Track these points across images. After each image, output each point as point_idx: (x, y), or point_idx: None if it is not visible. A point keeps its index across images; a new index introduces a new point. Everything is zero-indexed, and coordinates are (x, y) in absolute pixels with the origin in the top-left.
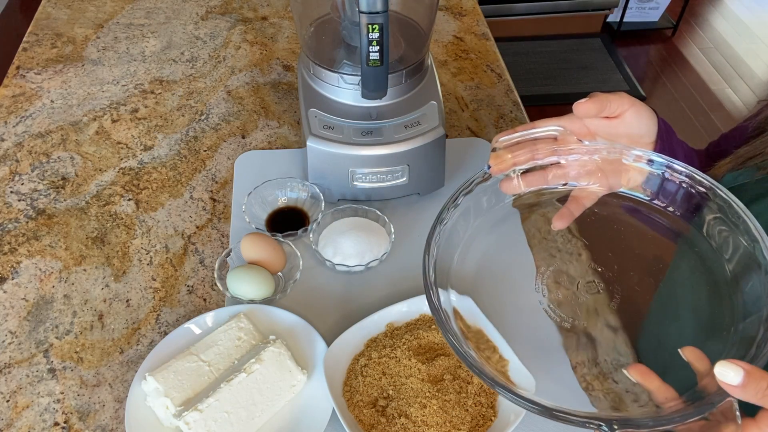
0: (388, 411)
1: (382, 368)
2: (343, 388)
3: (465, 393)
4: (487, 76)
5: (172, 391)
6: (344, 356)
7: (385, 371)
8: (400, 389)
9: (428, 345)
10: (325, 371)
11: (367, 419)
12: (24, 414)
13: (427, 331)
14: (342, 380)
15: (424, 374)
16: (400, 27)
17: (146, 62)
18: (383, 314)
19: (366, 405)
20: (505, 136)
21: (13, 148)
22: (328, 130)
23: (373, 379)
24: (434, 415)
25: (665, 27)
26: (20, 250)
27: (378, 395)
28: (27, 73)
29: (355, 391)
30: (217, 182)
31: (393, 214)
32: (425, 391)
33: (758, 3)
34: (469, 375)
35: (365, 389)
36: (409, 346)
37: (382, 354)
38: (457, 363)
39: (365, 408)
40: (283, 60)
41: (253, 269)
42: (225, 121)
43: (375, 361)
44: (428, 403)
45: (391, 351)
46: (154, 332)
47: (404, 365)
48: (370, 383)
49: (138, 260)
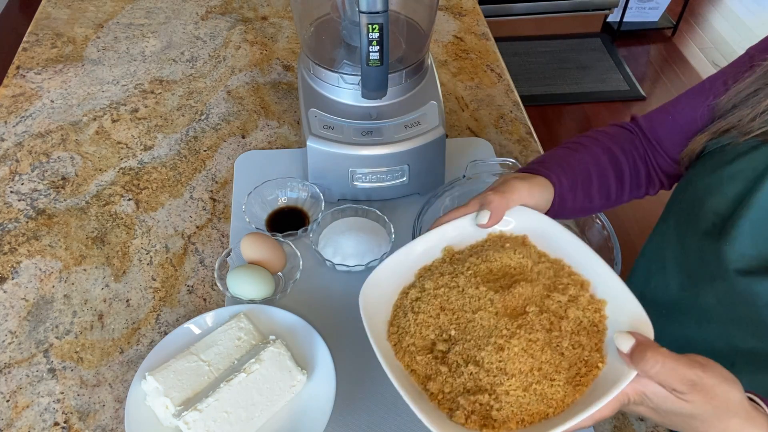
0: (449, 357)
1: (439, 302)
2: (389, 330)
3: (558, 331)
4: (487, 76)
5: (172, 390)
6: (388, 289)
7: (443, 305)
8: (466, 328)
9: (502, 269)
10: (363, 308)
11: (421, 369)
12: (24, 414)
13: (500, 252)
14: (386, 320)
15: (499, 306)
16: (400, 27)
17: (146, 62)
18: (438, 234)
19: (420, 350)
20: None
21: (13, 148)
22: (328, 130)
23: (428, 317)
24: (516, 360)
25: (665, 27)
26: (20, 250)
27: (436, 337)
28: (27, 73)
29: (405, 333)
30: (217, 182)
31: (393, 214)
32: (501, 328)
33: (758, 3)
34: (561, 307)
35: (418, 330)
36: (475, 271)
37: (439, 284)
38: (545, 291)
39: (419, 354)
40: (283, 60)
41: (253, 269)
42: (225, 121)
43: (430, 293)
44: (506, 344)
45: (451, 279)
46: (154, 332)
47: (470, 296)
48: (424, 322)
49: (138, 260)
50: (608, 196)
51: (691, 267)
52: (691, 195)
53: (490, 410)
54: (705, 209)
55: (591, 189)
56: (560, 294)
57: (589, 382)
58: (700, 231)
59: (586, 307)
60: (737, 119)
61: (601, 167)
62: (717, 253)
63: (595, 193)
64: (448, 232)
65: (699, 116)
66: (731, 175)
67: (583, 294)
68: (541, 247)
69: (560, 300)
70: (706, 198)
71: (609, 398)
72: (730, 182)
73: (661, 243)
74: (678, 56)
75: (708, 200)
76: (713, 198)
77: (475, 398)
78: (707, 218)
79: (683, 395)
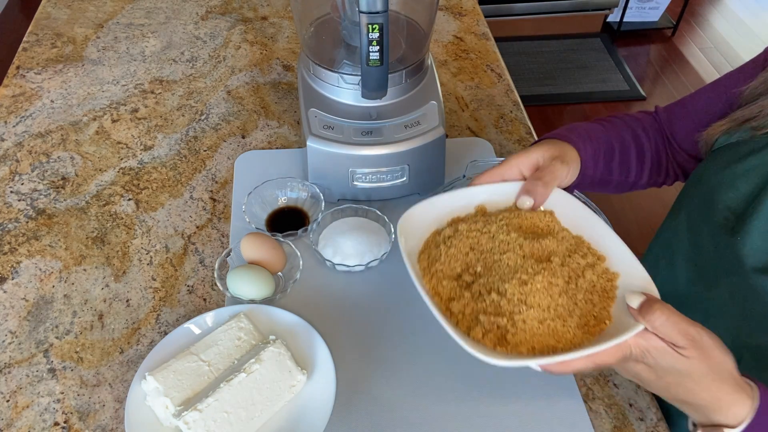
0: (474, 288)
1: (470, 242)
2: (419, 256)
3: (575, 285)
4: (487, 76)
5: (172, 390)
6: (422, 226)
7: (473, 246)
8: (492, 266)
9: (531, 227)
10: (400, 231)
11: (446, 292)
12: (24, 414)
13: (531, 213)
14: (418, 250)
15: (526, 251)
16: (400, 27)
17: (146, 62)
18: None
19: (446, 277)
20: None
21: (13, 148)
22: (328, 130)
23: (458, 252)
24: (536, 295)
25: (665, 27)
26: (20, 250)
27: (462, 270)
28: (27, 73)
29: (435, 261)
30: (217, 182)
31: (393, 214)
32: (527, 267)
33: (758, 3)
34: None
35: (447, 260)
36: (507, 222)
37: (471, 228)
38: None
39: (445, 279)
40: (283, 60)
41: (253, 269)
42: (225, 121)
43: (462, 234)
44: (530, 279)
45: (483, 226)
46: (154, 332)
47: (500, 240)
48: (454, 255)
49: (138, 260)
50: (627, 173)
51: (703, 261)
52: (704, 190)
53: (506, 333)
54: (718, 204)
55: (612, 162)
56: (580, 257)
57: (596, 333)
58: (714, 226)
59: (601, 275)
60: (759, 109)
61: (624, 144)
62: (732, 248)
63: (615, 167)
64: (482, 194)
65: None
66: (745, 171)
67: (599, 264)
68: (565, 224)
69: (579, 262)
70: (719, 193)
71: (615, 342)
72: (744, 178)
73: (671, 238)
74: (678, 56)
75: (721, 195)
76: (727, 193)
77: (494, 320)
78: (720, 213)
79: (683, 350)
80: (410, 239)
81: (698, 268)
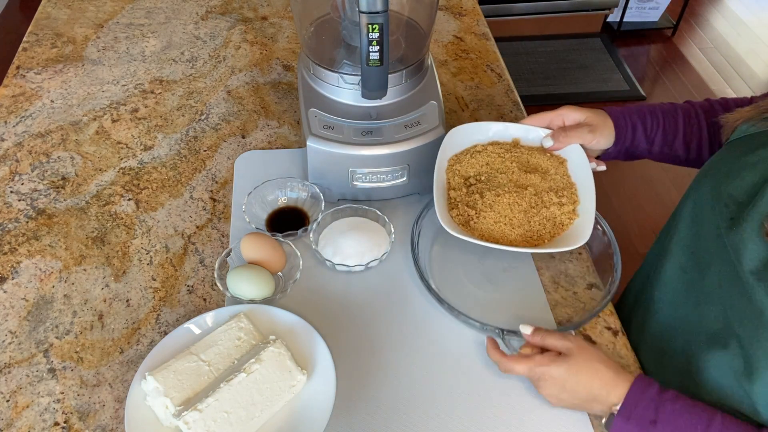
0: (472, 188)
1: (488, 159)
2: (452, 158)
3: (536, 210)
4: (487, 76)
5: (172, 390)
6: (464, 141)
7: (489, 162)
8: (490, 179)
9: (534, 164)
10: (446, 138)
11: (455, 185)
12: (24, 414)
13: (540, 153)
14: (455, 153)
15: (515, 177)
16: (399, 27)
17: (146, 62)
18: (515, 127)
19: (460, 176)
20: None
21: (13, 148)
22: (328, 130)
23: (477, 162)
24: (501, 206)
25: (665, 27)
26: (20, 250)
27: (473, 175)
28: (27, 73)
29: (460, 162)
30: (217, 182)
31: (393, 214)
32: (507, 186)
33: (758, 3)
34: (549, 202)
35: (468, 166)
36: (518, 156)
37: (496, 150)
38: (549, 188)
39: (458, 177)
40: (283, 60)
41: (253, 269)
42: (225, 121)
43: (487, 152)
44: (503, 193)
45: (504, 152)
46: (154, 332)
47: (505, 165)
48: (473, 164)
49: (138, 260)
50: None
51: (700, 249)
52: (714, 178)
53: (469, 220)
54: (722, 193)
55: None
56: (555, 195)
57: (532, 245)
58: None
59: (565, 213)
60: None
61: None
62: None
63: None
64: (520, 130)
65: None
66: (753, 162)
67: (569, 207)
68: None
69: (552, 198)
70: (725, 182)
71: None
72: (751, 169)
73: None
74: (678, 56)
75: (727, 184)
76: (732, 183)
77: (467, 209)
78: (723, 202)
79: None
80: (451, 145)
81: (695, 255)
